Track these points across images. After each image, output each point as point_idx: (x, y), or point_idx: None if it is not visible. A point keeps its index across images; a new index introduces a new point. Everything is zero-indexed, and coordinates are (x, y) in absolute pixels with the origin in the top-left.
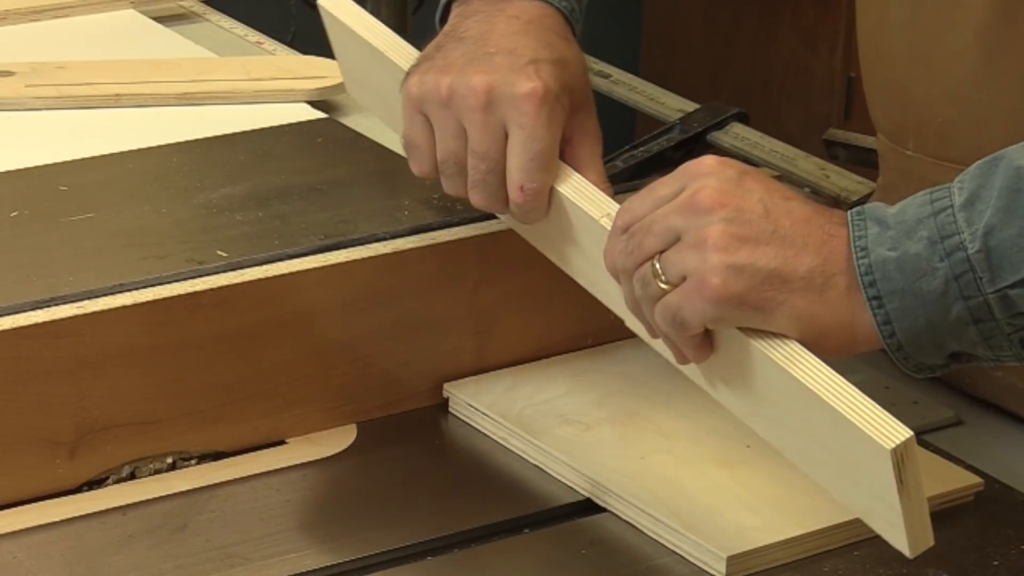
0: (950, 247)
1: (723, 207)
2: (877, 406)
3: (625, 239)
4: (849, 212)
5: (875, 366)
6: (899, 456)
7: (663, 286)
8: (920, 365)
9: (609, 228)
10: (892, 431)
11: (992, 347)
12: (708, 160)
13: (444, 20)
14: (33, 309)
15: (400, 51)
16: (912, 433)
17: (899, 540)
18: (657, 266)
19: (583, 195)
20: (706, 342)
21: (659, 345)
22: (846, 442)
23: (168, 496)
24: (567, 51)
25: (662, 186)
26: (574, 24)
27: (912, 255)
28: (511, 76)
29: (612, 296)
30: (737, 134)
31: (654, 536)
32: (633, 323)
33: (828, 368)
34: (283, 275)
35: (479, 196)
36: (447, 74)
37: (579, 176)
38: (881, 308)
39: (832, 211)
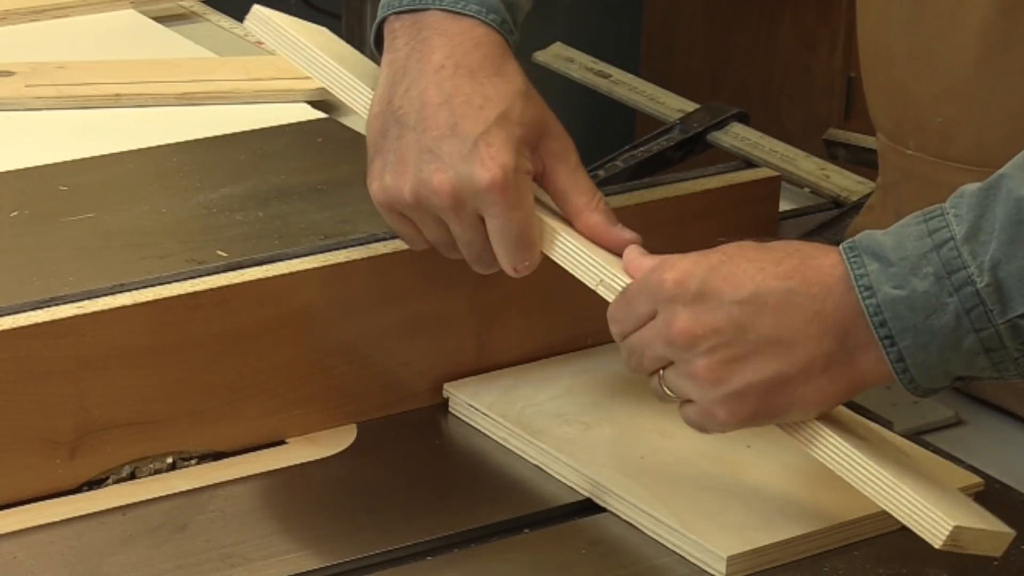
0: (958, 282)
1: (699, 338)
2: (917, 494)
3: (625, 353)
4: (841, 247)
5: None
6: (952, 544)
7: (675, 399)
8: (927, 390)
9: (605, 295)
10: (936, 526)
11: (1000, 370)
12: (668, 280)
13: (378, 42)
14: (33, 309)
15: (342, 83)
16: (954, 524)
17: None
18: (664, 387)
19: (574, 261)
20: None
21: None
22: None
23: (168, 496)
24: (504, 87)
25: (637, 302)
26: (508, 35)
27: (920, 292)
28: (466, 168)
29: None
30: (737, 134)
31: (654, 536)
32: None
33: (856, 451)
34: (283, 275)
35: (480, 268)
36: (404, 175)
37: (564, 235)
38: (894, 346)
39: (805, 265)
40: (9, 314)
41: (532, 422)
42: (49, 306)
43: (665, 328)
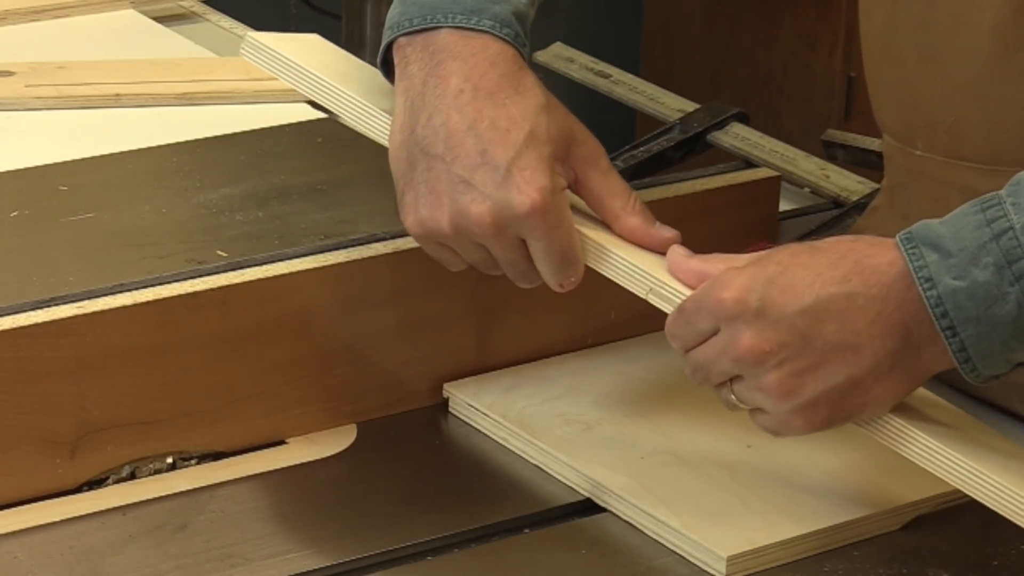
0: (1019, 271)
1: (766, 354)
2: (1004, 480)
3: (690, 368)
4: (898, 239)
5: None
6: None
7: (746, 407)
8: (988, 377)
9: (656, 303)
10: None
11: None
12: (727, 299)
13: (386, 69)
14: (33, 309)
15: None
16: None
17: None
18: (733, 398)
19: (623, 273)
20: None
21: None
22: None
23: (168, 496)
24: (525, 104)
25: (697, 319)
26: (521, 48)
27: (982, 283)
28: (503, 195)
29: None
30: (737, 134)
31: (654, 536)
32: None
33: (944, 447)
34: (283, 275)
35: (525, 284)
36: (440, 209)
37: (608, 247)
38: (955, 337)
39: (862, 266)
40: (9, 314)
41: (532, 422)
42: (49, 306)
43: (731, 347)
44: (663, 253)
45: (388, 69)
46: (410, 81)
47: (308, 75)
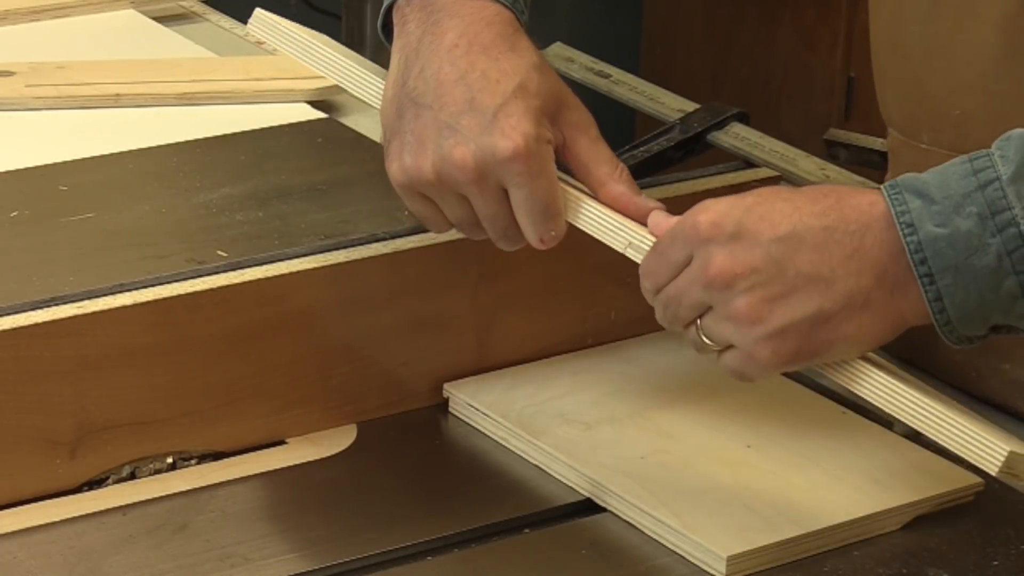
0: (1002, 223)
1: (738, 276)
2: (966, 421)
3: (660, 306)
4: (883, 187)
5: None
6: (1007, 469)
7: (714, 348)
8: (962, 337)
9: (634, 258)
10: (991, 452)
11: None
12: (703, 222)
13: (386, 32)
14: (33, 309)
15: (349, 75)
16: (1009, 450)
17: None
18: (702, 336)
19: (602, 227)
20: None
21: None
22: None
23: (168, 496)
24: (518, 60)
25: (671, 250)
26: (519, 14)
27: (963, 232)
28: (487, 140)
29: None
30: (737, 134)
31: (654, 536)
32: None
33: (902, 385)
34: (283, 275)
35: (506, 245)
36: (424, 153)
37: (590, 202)
38: (932, 285)
39: (846, 211)
40: (9, 314)
41: (532, 422)
42: (49, 306)
43: (702, 271)
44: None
45: (388, 34)
46: (407, 39)
47: (313, 48)
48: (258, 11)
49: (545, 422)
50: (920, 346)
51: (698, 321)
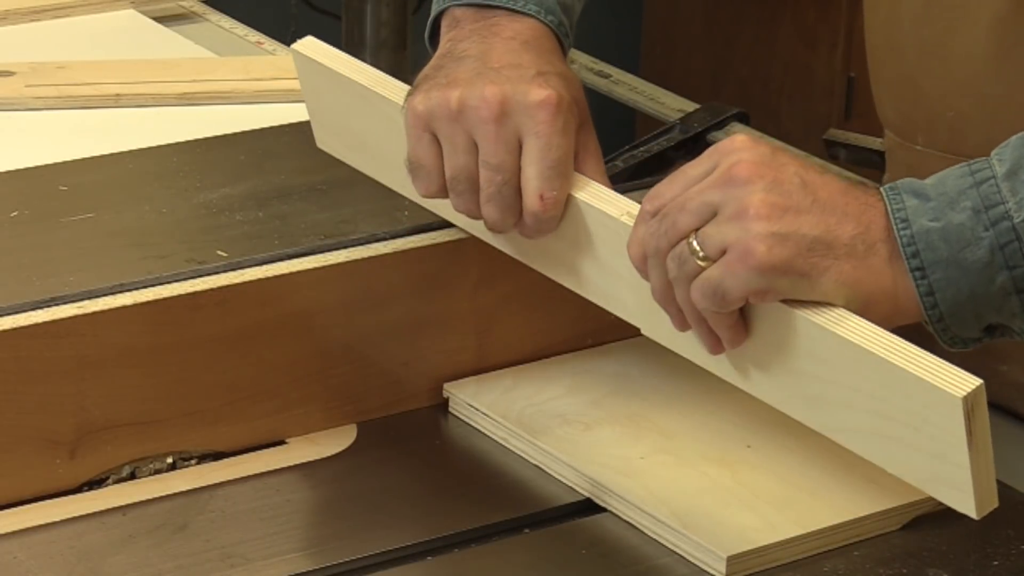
0: (995, 216)
1: (761, 178)
2: (938, 358)
3: (656, 221)
4: (882, 188)
5: None
6: (969, 405)
7: (701, 262)
8: (956, 338)
9: (631, 224)
10: (960, 380)
11: None
12: (740, 137)
13: (433, 41)
14: (33, 309)
15: (389, 86)
16: (981, 381)
17: (965, 503)
18: (695, 243)
19: (601, 199)
20: (741, 324)
21: (686, 341)
22: (908, 399)
23: (168, 496)
24: (565, 69)
25: (692, 167)
26: (564, 43)
27: (956, 225)
28: (522, 86)
29: (628, 304)
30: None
31: (654, 536)
32: (653, 328)
33: (878, 327)
34: (283, 275)
35: (493, 210)
36: (454, 88)
37: (593, 182)
38: (924, 279)
39: (865, 185)
40: (9, 314)
41: (532, 422)
42: (49, 306)
43: (726, 170)
44: None
45: (434, 43)
46: (459, 31)
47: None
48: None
49: (545, 422)
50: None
51: (693, 234)
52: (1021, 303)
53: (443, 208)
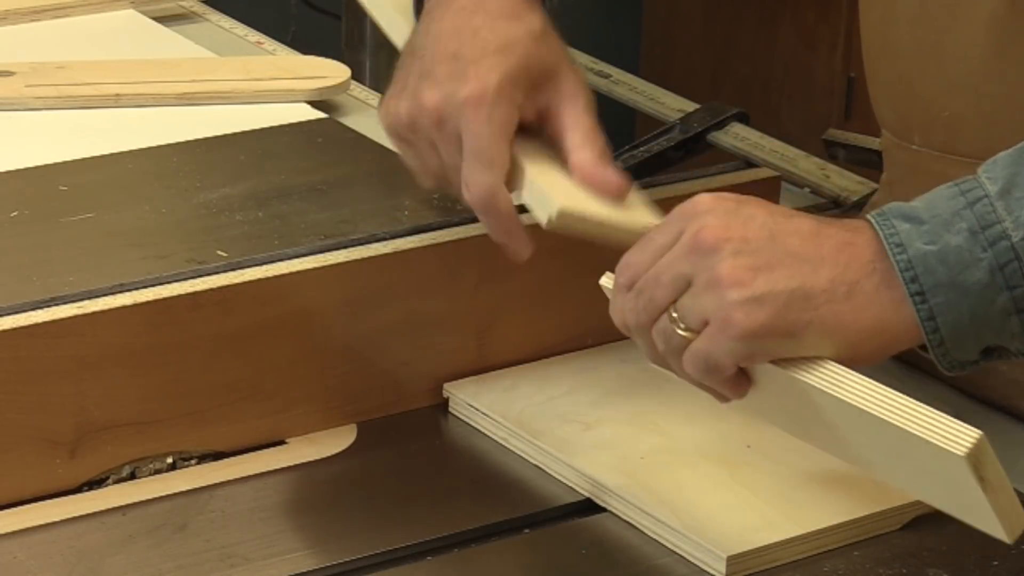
0: (992, 236)
1: (727, 241)
2: (936, 412)
3: (633, 296)
4: (870, 215)
5: (875, 367)
6: (975, 459)
7: (684, 334)
8: (955, 361)
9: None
10: (960, 435)
11: None
12: (702, 198)
13: (418, 7)
14: (33, 309)
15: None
16: (981, 433)
17: (995, 531)
18: (675, 315)
19: (534, 200)
20: (743, 378)
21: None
22: (916, 454)
23: (168, 496)
24: (515, 24)
25: (659, 234)
26: None
27: (953, 247)
28: (453, 85)
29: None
30: (737, 134)
31: (654, 536)
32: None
33: (871, 381)
34: (283, 275)
35: (470, 206)
36: (402, 97)
37: (532, 172)
38: (924, 303)
39: (840, 221)
40: (9, 314)
41: (532, 422)
42: (49, 306)
43: (691, 238)
44: (611, 197)
45: (419, 11)
46: (429, 5)
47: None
48: None
49: (545, 422)
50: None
51: (672, 307)
52: (1021, 323)
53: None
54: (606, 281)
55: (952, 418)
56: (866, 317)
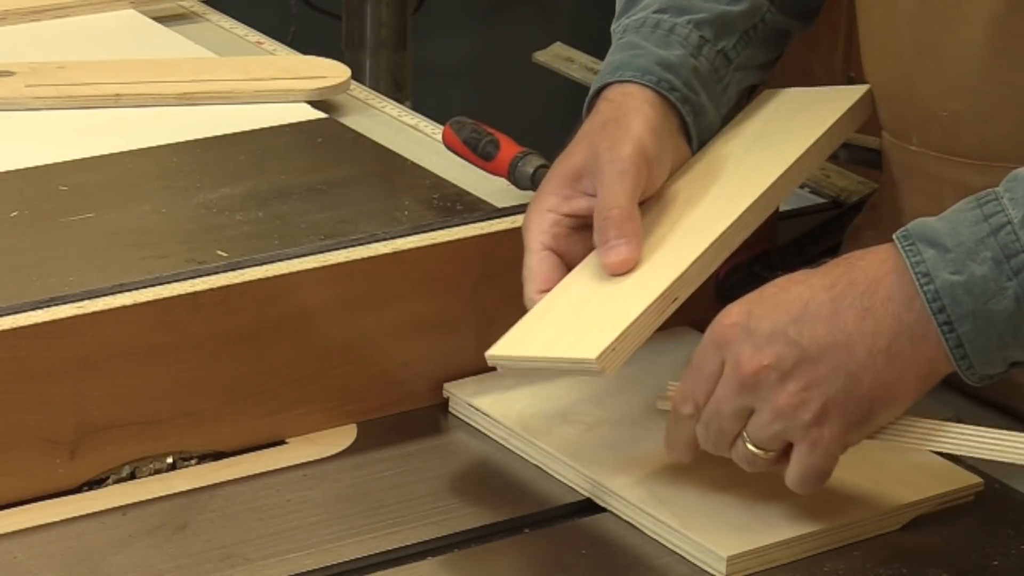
0: (1017, 266)
1: (767, 369)
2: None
3: (703, 428)
4: (895, 236)
5: None
6: None
7: (768, 456)
8: (983, 377)
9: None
10: None
11: None
12: (724, 324)
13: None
14: (33, 309)
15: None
16: None
17: None
18: (750, 447)
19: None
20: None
21: None
22: None
23: (168, 496)
24: (597, 125)
25: (704, 363)
26: (666, 92)
27: (979, 277)
28: None
29: None
30: None
31: (654, 536)
32: None
33: (959, 426)
34: (283, 275)
35: None
36: None
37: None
38: (952, 332)
39: (852, 269)
40: (9, 314)
41: (532, 422)
42: (49, 306)
43: (735, 371)
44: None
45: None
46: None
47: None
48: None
49: (545, 422)
50: None
51: (744, 435)
52: None
53: None
54: (663, 404)
55: None
56: (913, 370)
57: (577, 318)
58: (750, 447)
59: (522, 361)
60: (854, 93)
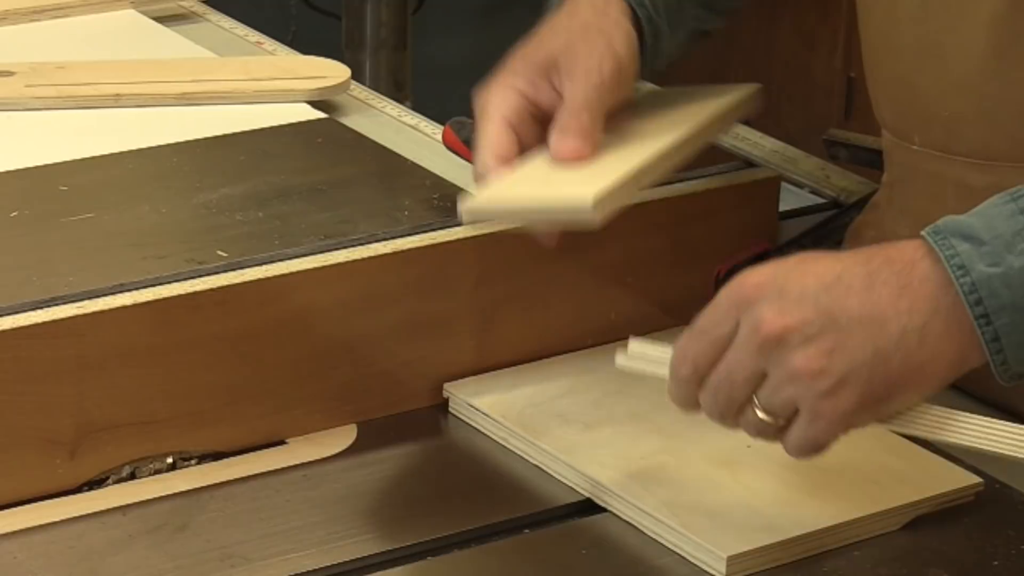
0: None
1: (791, 331)
2: None
3: (710, 395)
4: (926, 232)
5: None
6: None
7: (776, 423)
8: (1015, 375)
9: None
10: None
11: None
12: (747, 283)
13: None
14: (33, 309)
15: None
16: None
17: None
18: (760, 414)
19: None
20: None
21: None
22: None
23: (168, 496)
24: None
25: (715, 325)
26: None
27: (1017, 269)
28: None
29: None
30: (737, 134)
31: (654, 536)
32: None
33: (975, 417)
34: (283, 275)
35: None
36: None
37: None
38: (989, 325)
39: (887, 254)
40: (9, 314)
41: (532, 422)
42: (49, 306)
43: (753, 333)
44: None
45: None
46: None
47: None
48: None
49: (545, 422)
50: None
51: (755, 400)
52: None
53: None
54: (625, 362)
55: None
56: (943, 355)
57: (561, 174)
58: (760, 413)
59: (508, 209)
60: (743, 89)
